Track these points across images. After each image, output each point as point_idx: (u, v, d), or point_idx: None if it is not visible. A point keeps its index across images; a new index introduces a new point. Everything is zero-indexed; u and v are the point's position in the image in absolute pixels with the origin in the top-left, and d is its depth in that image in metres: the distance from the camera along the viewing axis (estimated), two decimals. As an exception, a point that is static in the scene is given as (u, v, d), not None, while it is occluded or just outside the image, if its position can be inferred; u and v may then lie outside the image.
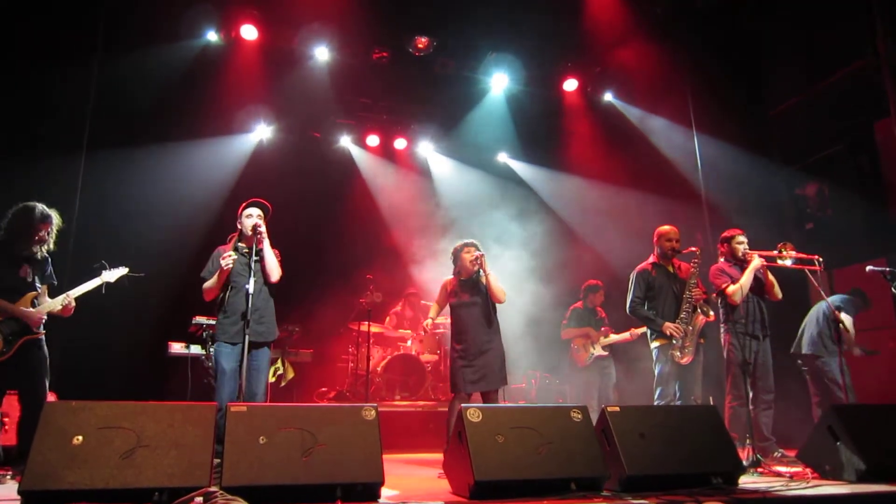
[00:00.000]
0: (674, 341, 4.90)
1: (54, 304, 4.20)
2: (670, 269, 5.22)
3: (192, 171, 7.47)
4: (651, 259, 5.28)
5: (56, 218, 4.28)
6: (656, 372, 5.03)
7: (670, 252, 5.17)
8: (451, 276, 4.98)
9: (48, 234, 4.25)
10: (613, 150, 8.50)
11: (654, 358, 5.07)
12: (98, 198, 6.39)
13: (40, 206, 4.21)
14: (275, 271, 4.33)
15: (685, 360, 4.88)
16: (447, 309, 4.97)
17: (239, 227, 4.44)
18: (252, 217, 4.33)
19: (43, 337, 4.20)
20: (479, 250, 4.84)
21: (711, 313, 4.99)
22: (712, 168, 7.84)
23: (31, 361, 4.10)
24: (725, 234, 5.45)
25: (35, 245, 4.21)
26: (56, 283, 4.39)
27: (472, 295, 4.81)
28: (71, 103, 6.30)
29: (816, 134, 7.49)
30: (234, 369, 4.12)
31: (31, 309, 4.12)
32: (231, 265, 4.16)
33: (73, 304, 4.25)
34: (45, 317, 4.17)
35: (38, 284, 4.24)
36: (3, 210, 4.21)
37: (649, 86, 8.33)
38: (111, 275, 4.45)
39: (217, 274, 4.20)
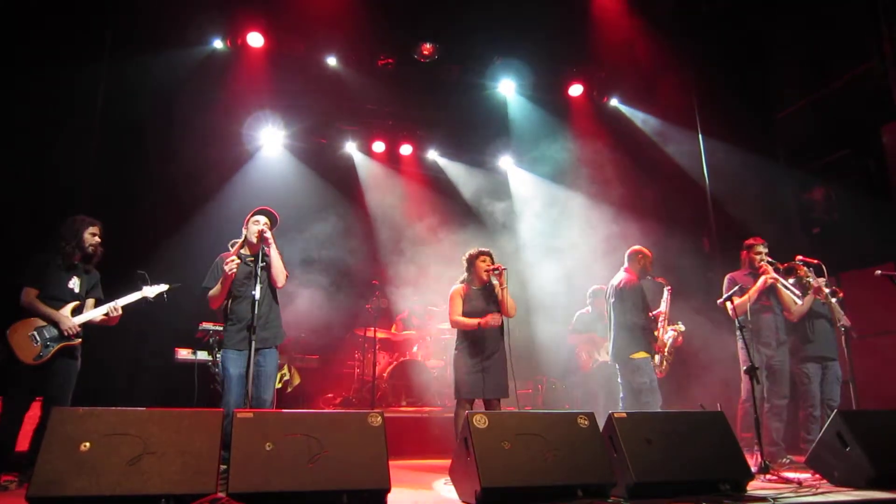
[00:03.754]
0: (657, 356, 5.27)
1: (95, 313, 4.31)
2: None
3: (195, 175, 7.49)
4: (631, 275, 5.41)
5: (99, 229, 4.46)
6: (640, 385, 5.08)
7: (646, 273, 5.45)
8: (460, 284, 4.87)
9: (97, 243, 4.41)
10: (619, 155, 8.47)
11: (636, 370, 5.12)
12: (101, 204, 6.42)
13: (82, 215, 4.44)
14: (281, 276, 4.30)
15: (662, 375, 5.29)
16: (445, 317, 4.93)
17: (244, 233, 4.39)
18: (259, 224, 4.28)
19: (79, 346, 4.30)
20: (493, 260, 4.81)
21: (680, 337, 5.61)
22: (718, 172, 7.82)
23: (62, 370, 4.20)
24: (748, 241, 5.58)
25: (88, 253, 4.38)
26: (103, 297, 4.49)
27: (486, 304, 4.73)
28: (77, 112, 6.34)
29: (823, 137, 7.45)
30: (241, 375, 4.09)
31: (68, 316, 4.21)
32: (235, 270, 4.10)
33: (120, 312, 4.36)
34: (81, 328, 4.26)
35: (83, 296, 4.38)
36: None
37: (655, 90, 8.31)
38: (151, 290, 4.51)
39: (221, 280, 4.14)
